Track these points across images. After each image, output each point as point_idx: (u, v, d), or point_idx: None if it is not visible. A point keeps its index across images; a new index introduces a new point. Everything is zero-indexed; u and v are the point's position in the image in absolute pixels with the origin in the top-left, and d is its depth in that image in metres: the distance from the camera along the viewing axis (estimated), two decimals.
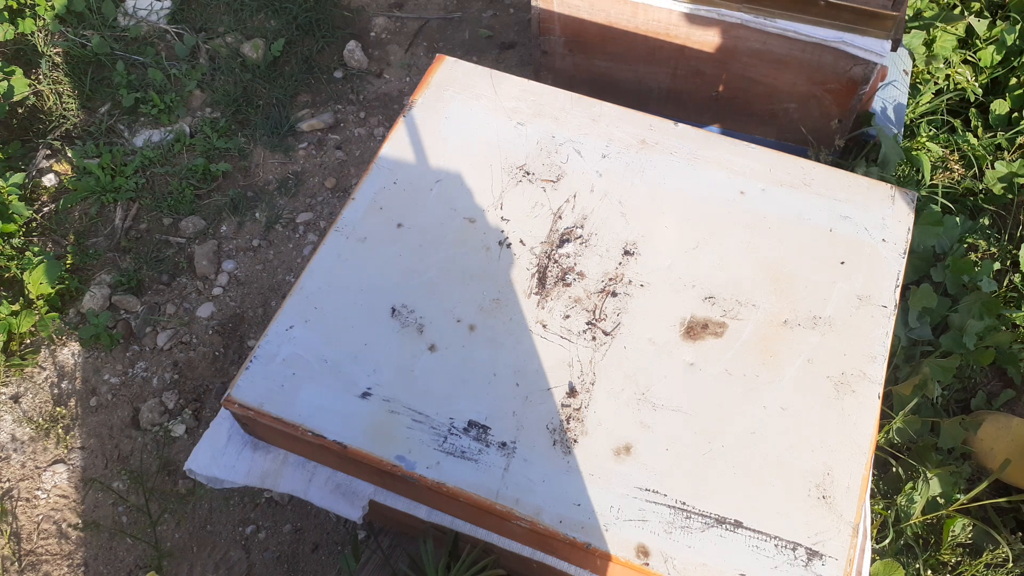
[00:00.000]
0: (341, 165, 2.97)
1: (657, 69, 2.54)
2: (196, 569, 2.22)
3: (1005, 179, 2.57)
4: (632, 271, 1.69)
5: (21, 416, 2.46)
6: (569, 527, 1.42)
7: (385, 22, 3.36)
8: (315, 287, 1.68)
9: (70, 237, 2.80)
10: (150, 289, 2.70)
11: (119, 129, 3.05)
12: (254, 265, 2.75)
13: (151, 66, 3.16)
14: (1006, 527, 2.07)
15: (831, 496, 1.43)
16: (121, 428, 2.44)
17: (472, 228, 1.76)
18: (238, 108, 3.08)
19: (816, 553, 1.38)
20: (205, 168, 2.90)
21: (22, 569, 2.22)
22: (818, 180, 1.81)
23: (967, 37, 2.87)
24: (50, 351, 2.57)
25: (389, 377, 1.57)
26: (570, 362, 1.58)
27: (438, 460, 1.48)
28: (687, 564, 1.38)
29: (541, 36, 2.59)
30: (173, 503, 2.31)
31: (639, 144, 1.87)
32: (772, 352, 1.58)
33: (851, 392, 1.54)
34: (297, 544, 2.24)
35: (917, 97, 2.75)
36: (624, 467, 1.47)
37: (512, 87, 1.97)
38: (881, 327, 1.61)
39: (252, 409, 1.54)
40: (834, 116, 2.46)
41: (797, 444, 1.48)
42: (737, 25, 2.29)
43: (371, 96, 3.15)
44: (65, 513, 2.31)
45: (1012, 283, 2.44)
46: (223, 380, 2.51)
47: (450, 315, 1.64)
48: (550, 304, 1.65)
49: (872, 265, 1.68)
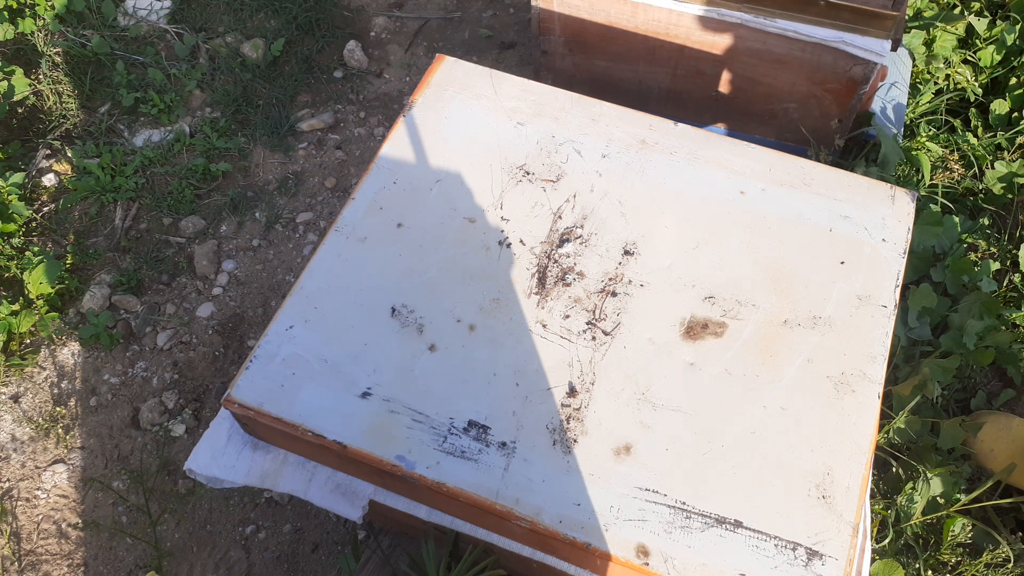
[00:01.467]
0: (341, 165, 2.97)
1: (657, 69, 2.54)
2: (196, 569, 2.22)
3: (1005, 179, 2.57)
4: (632, 271, 1.69)
5: (21, 416, 2.46)
6: (569, 527, 1.42)
7: (385, 22, 3.36)
8: (315, 287, 1.68)
9: (70, 237, 2.80)
10: (150, 289, 2.70)
11: (119, 129, 3.05)
12: (254, 265, 2.75)
13: (151, 66, 3.16)
14: (1006, 527, 2.07)
15: (831, 496, 1.43)
16: (121, 428, 2.44)
17: (472, 228, 1.76)
18: (238, 108, 3.08)
19: (816, 553, 1.38)
20: (205, 168, 2.90)
21: (22, 569, 2.22)
22: (818, 180, 1.81)
23: (967, 37, 2.87)
24: (50, 351, 2.57)
25: (389, 377, 1.57)
26: (570, 362, 1.58)
27: (438, 460, 1.48)
28: (687, 564, 1.38)
29: (541, 36, 2.59)
30: (173, 503, 2.31)
31: (639, 144, 1.87)
32: (772, 352, 1.58)
33: (851, 392, 1.54)
34: (297, 544, 2.25)
35: (917, 97, 2.75)
36: (624, 467, 1.47)
37: (512, 87, 1.97)
38: (881, 327, 1.61)
39: (252, 409, 1.54)
40: (834, 116, 2.46)
41: (797, 444, 1.48)
42: (737, 25, 2.29)
43: (371, 96, 3.15)
44: (65, 513, 2.31)
45: (1012, 283, 2.44)
46: (223, 380, 2.51)
47: (450, 315, 1.64)
48: (550, 304, 1.65)
49: (872, 265, 1.68)
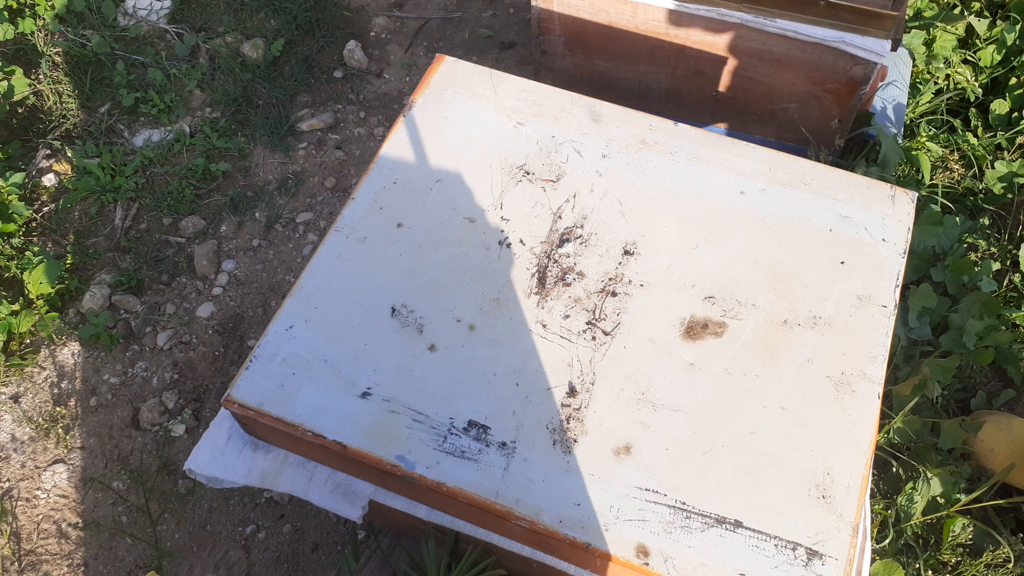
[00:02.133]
0: (341, 165, 2.97)
1: (657, 69, 2.54)
2: (196, 569, 2.22)
3: (1005, 179, 2.57)
4: (632, 271, 1.69)
5: (21, 416, 2.46)
6: (569, 527, 1.42)
7: (385, 22, 3.36)
8: (315, 287, 1.68)
9: (70, 237, 2.80)
10: (150, 289, 2.70)
11: (119, 129, 3.05)
12: (254, 265, 2.75)
13: (151, 66, 3.16)
14: (1006, 527, 2.07)
15: (831, 496, 1.43)
16: (121, 428, 2.44)
17: (472, 228, 1.76)
18: (238, 108, 3.08)
19: (816, 553, 1.38)
20: (205, 168, 2.90)
21: (22, 569, 2.22)
22: (818, 180, 1.81)
23: (967, 37, 2.87)
24: (50, 351, 2.57)
25: (389, 377, 1.57)
26: (570, 362, 1.58)
27: (438, 460, 1.48)
28: (687, 564, 1.38)
29: (541, 36, 2.59)
30: (173, 503, 2.31)
31: (639, 144, 1.87)
32: (772, 352, 1.58)
33: (851, 392, 1.53)
34: (297, 544, 2.24)
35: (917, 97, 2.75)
36: (624, 467, 1.47)
37: (512, 87, 1.97)
38: (881, 327, 1.61)
39: (252, 409, 1.54)
40: (834, 116, 2.46)
41: (797, 444, 1.48)
42: (737, 25, 2.29)
43: (371, 96, 3.15)
44: (65, 513, 2.31)
45: (1012, 283, 2.44)
46: (223, 380, 2.51)
47: (450, 315, 1.64)
48: (550, 304, 1.65)
49: (872, 265, 1.68)
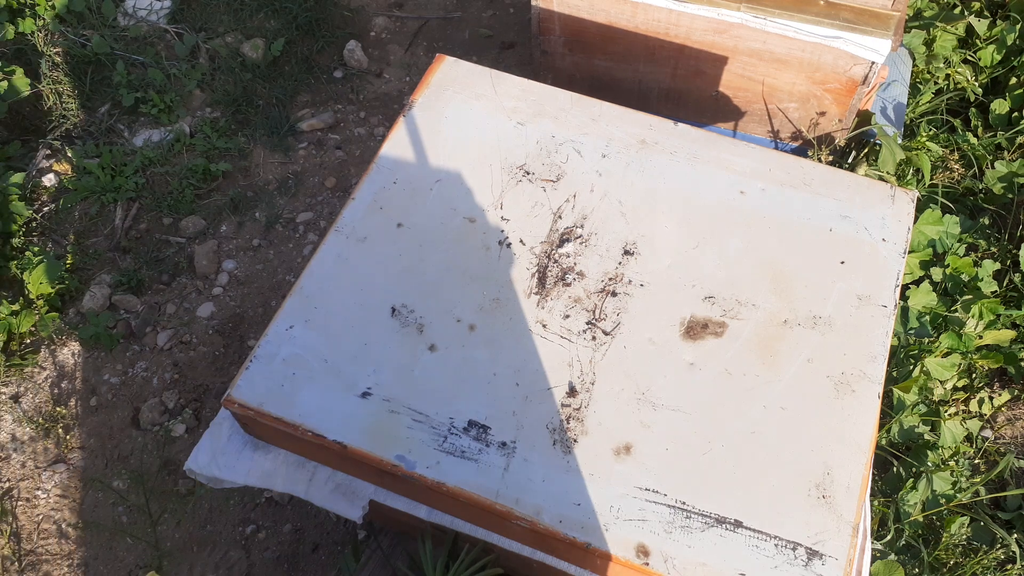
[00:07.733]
0: (341, 165, 2.97)
1: (657, 69, 2.54)
2: (196, 569, 2.22)
3: (1005, 179, 2.57)
4: (632, 271, 1.69)
5: (21, 416, 2.46)
6: (569, 527, 1.42)
7: (385, 22, 3.36)
8: (315, 287, 1.68)
9: (70, 237, 2.80)
10: (150, 289, 2.70)
11: (119, 129, 3.05)
12: (254, 265, 2.75)
13: (151, 66, 3.16)
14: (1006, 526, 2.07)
15: (831, 496, 1.43)
16: (121, 428, 2.44)
17: (472, 228, 1.76)
18: (238, 108, 3.08)
19: (816, 553, 1.38)
20: (205, 168, 2.90)
21: (22, 569, 2.22)
22: (818, 180, 1.81)
23: (967, 37, 2.87)
24: (50, 351, 2.57)
25: (389, 377, 1.57)
26: (570, 362, 1.58)
27: (438, 460, 1.48)
28: (687, 564, 1.38)
29: (541, 36, 2.59)
30: (173, 503, 2.31)
31: (639, 144, 1.87)
32: (772, 352, 1.58)
33: (851, 392, 1.53)
34: (297, 544, 2.24)
35: (917, 97, 2.75)
36: (624, 467, 1.47)
37: (512, 87, 1.97)
38: (881, 327, 1.61)
39: (252, 409, 1.54)
40: (834, 116, 2.46)
41: (797, 444, 1.48)
42: (737, 25, 2.29)
43: (371, 96, 3.15)
44: (65, 513, 2.31)
45: (1012, 283, 2.44)
46: (223, 380, 2.51)
47: (450, 315, 1.64)
48: (550, 304, 1.65)
49: (872, 265, 1.68)
